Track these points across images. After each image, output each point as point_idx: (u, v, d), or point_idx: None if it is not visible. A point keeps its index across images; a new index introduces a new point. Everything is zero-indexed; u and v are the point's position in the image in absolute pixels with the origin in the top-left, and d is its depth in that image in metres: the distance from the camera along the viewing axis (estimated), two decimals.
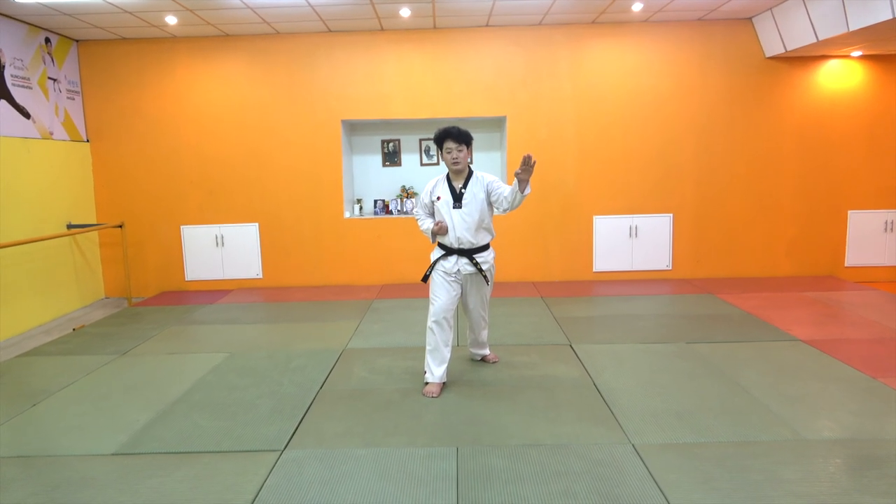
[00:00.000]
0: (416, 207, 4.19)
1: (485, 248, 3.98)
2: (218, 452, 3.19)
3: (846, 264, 7.25)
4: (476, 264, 3.92)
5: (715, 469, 2.89)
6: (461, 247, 3.92)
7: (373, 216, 7.42)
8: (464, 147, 3.86)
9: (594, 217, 7.21)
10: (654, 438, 3.22)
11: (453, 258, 3.94)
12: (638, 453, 3.06)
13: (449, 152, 3.87)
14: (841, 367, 4.21)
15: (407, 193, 7.54)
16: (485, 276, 3.98)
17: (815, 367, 4.22)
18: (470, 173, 3.94)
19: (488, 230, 3.98)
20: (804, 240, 7.23)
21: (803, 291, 6.46)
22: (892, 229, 7.17)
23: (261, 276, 7.35)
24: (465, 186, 3.91)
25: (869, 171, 7.10)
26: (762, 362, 4.32)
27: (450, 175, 3.97)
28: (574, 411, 3.59)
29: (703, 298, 6.24)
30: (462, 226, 3.89)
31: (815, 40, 5.97)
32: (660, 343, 4.82)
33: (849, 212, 7.17)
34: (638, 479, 2.82)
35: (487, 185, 3.89)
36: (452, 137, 3.85)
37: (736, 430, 3.28)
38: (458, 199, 3.90)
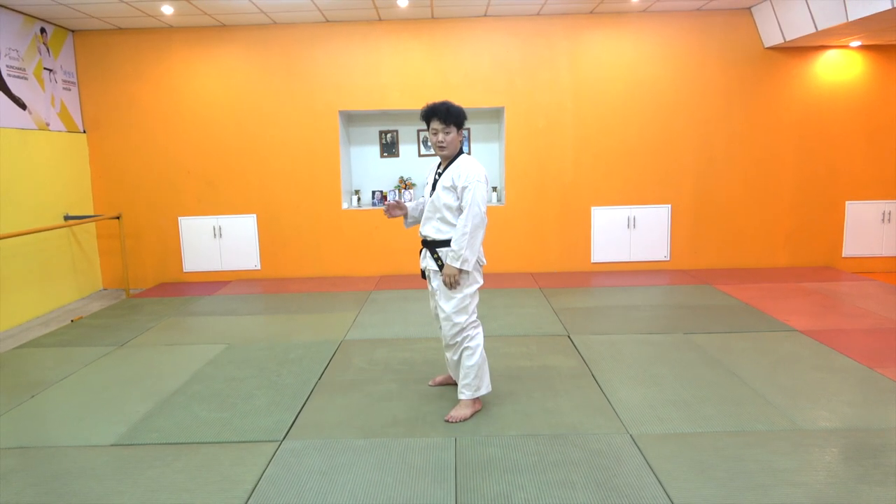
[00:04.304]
0: None
1: (449, 243, 3.31)
2: (217, 443, 3.20)
3: (844, 255, 7.26)
4: (437, 259, 3.35)
5: (712, 458, 2.90)
6: (424, 238, 3.44)
7: (371, 207, 7.41)
8: (452, 128, 3.30)
9: (592, 208, 7.21)
10: (651, 428, 3.23)
11: (423, 252, 3.49)
12: (635, 443, 3.08)
13: (434, 133, 3.33)
14: (838, 357, 4.22)
15: (405, 184, 7.52)
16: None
17: (812, 357, 4.23)
18: (457, 157, 3.38)
19: (445, 222, 3.33)
20: (802, 230, 7.23)
21: (801, 282, 6.47)
22: (889, 220, 7.18)
23: (259, 267, 7.35)
24: (445, 171, 3.37)
25: (867, 162, 7.10)
26: (759, 353, 4.34)
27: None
28: (572, 401, 3.60)
29: (701, 289, 6.25)
30: (426, 214, 3.44)
31: (814, 30, 5.95)
32: (658, 334, 4.83)
33: (847, 202, 7.17)
34: (635, 469, 2.83)
35: (459, 188, 3.26)
36: (439, 116, 3.31)
37: (733, 420, 3.30)
38: (435, 186, 3.41)
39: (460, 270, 3.25)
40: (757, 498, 2.58)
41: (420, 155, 7.62)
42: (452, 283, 3.26)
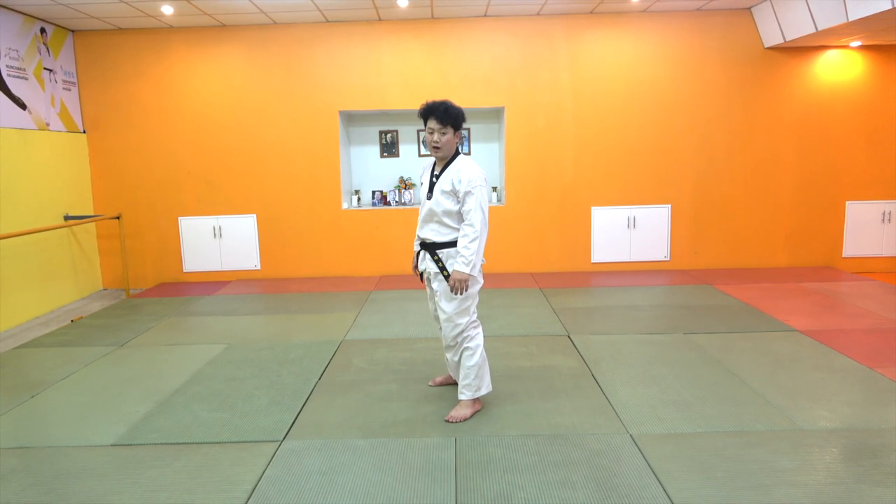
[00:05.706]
0: None
1: (449, 244, 3.30)
2: (217, 443, 3.20)
3: (844, 255, 7.26)
4: (438, 261, 3.32)
5: (712, 459, 2.90)
6: (423, 240, 3.41)
7: (371, 207, 7.41)
8: (449, 129, 3.20)
9: (592, 208, 7.21)
10: (651, 428, 3.23)
11: (422, 254, 3.46)
12: (635, 443, 3.08)
13: (431, 133, 3.23)
14: (838, 357, 4.22)
15: (405, 184, 7.53)
16: (447, 277, 3.29)
17: (812, 357, 4.24)
18: (454, 159, 3.31)
19: (444, 225, 3.29)
20: (802, 230, 7.23)
21: (801, 282, 6.47)
22: (889, 220, 7.18)
23: (259, 267, 7.35)
24: (442, 174, 3.30)
25: (867, 162, 7.10)
26: (760, 353, 4.34)
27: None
28: (572, 402, 3.60)
29: (701, 289, 6.25)
30: (424, 217, 3.39)
31: (814, 30, 5.95)
32: (658, 334, 4.83)
33: (847, 202, 7.17)
34: (635, 469, 2.83)
35: (461, 193, 3.20)
36: (436, 116, 3.19)
37: (733, 420, 3.30)
38: (431, 188, 3.34)
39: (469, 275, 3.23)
40: (757, 498, 2.58)
41: (420, 155, 7.63)
42: (462, 289, 3.22)
